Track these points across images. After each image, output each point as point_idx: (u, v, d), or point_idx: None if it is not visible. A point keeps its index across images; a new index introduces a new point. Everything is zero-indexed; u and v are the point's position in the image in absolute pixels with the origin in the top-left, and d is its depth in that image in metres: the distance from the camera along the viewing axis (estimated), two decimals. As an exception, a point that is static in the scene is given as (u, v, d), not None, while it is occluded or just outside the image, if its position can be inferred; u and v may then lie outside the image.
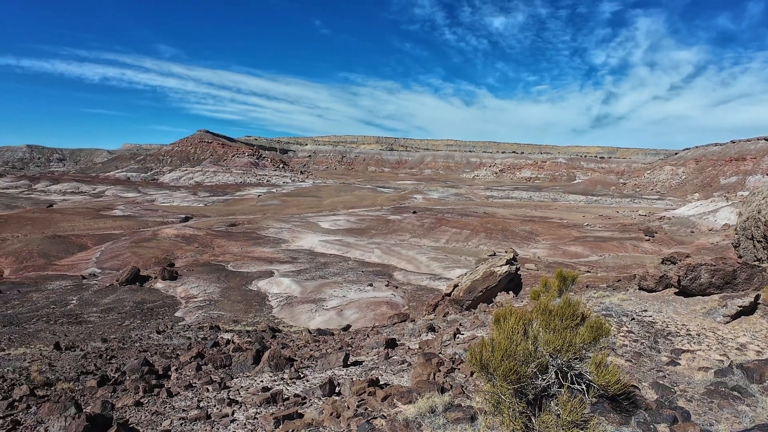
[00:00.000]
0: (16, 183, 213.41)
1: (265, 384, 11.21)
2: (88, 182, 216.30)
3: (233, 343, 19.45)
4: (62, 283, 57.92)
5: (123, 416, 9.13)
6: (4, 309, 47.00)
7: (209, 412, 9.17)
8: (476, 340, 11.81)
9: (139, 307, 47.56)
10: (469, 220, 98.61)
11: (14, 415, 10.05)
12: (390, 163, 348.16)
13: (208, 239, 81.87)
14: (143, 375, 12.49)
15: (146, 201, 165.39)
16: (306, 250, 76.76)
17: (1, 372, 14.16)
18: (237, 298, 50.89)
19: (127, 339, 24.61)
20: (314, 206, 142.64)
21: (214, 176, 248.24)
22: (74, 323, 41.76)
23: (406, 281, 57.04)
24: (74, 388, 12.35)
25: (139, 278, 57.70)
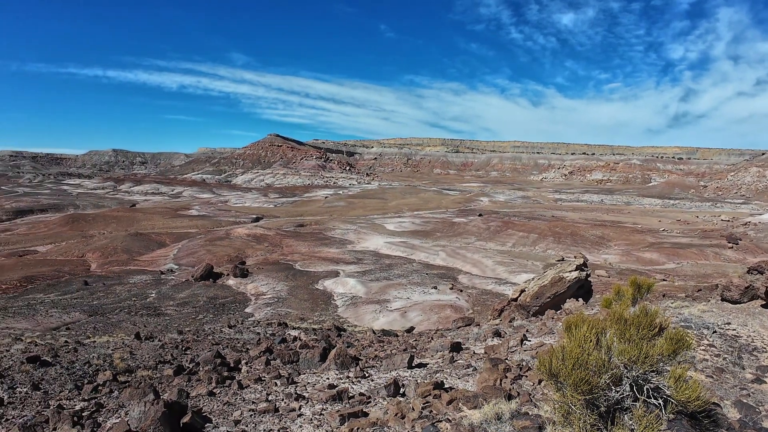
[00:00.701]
0: (102, 184, 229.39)
1: (331, 381, 11.41)
2: (167, 184, 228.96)
3: (300, 340, 19.96)
4: (143, 278, 61.52)
5: (197, 405, 9.59)
6: (91, 300, 50.53)
7: (277, 405, 9.45)
8: (544, 348, 11.50)
9: (212, 302, 49.73)
10: (537, 223, 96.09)
11: (98, 398, 10.81)
12: (455, 165, 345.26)
13: (278, 239, 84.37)
14: (216, 367, 13.06)
15: (220, 202, 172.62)
16: (371, 251, 77.51)
17: (87, 358, 15.22)
18: (304, 297, 52.11)
19: (201, 332, 25.80)
20: (380, 208, 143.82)
21: (284, 178, 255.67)
22: (153, 315, 44.28)
23: (471, 285, 56.36)
24: (153, 375, 13.09)
25: (213, 275, 60.31)
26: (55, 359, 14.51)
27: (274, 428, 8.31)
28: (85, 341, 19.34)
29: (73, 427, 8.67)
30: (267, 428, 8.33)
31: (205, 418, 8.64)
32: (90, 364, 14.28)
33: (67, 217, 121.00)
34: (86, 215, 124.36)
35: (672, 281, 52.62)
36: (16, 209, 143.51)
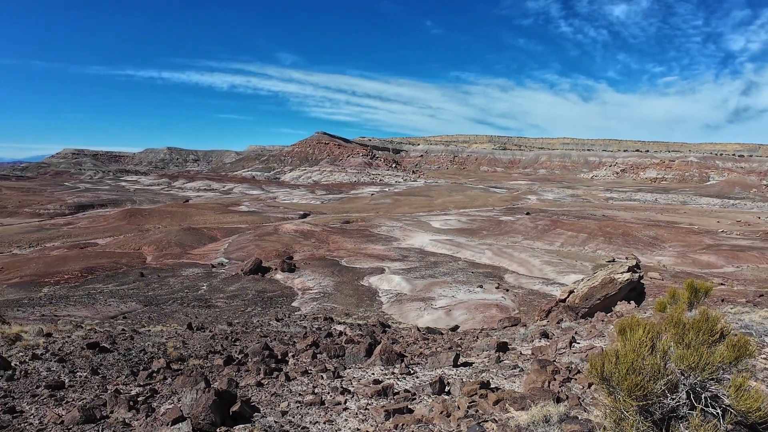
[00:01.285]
0: (158, 181, 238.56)
1: (376, 377, 11.47)
2: (218, 180, 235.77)
3: (345, 335, 20.16)
4: (195, 271, 63.57)
5: (246, 394, 9.83)
6: (146, 291, 52.62)
7: (323, 398, 9.57)
8: (595, 351, 11.20)
9: (260, 296, 50.89)
10: (587, 222, 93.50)
11: (153, 384, 11.26)
12: (503, 162, 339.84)
13: (324, 235, 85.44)
14: (264, 358, 13.36)
15: (269, 198, 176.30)
16: (416, 248, 77.42)
17: (143, 346, 15.86)
18: (349, 293, 52.60)
19: (249, 324, 26.43)
20: (425, 205, 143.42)
21: (331, 175, 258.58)
22: (204, 307, 45.71)
23: (517, 284, 55.46)
24: (204, 365, 13.51)
25: (261, 269, 61.71)
26: (113, 346, 15.20)
27: (320, 421, 8.43)
28: (140, 330, 20.18)
29: (129, 411, 9.04)
30: (313, 420, 8.45)
31: (253, 407, 8.84)
32: (145, 352, 14.88)
33: (124, 212, 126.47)
34: (142, 210, 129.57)
35: (731, 285, 50.17)
36: (78, 204, 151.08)
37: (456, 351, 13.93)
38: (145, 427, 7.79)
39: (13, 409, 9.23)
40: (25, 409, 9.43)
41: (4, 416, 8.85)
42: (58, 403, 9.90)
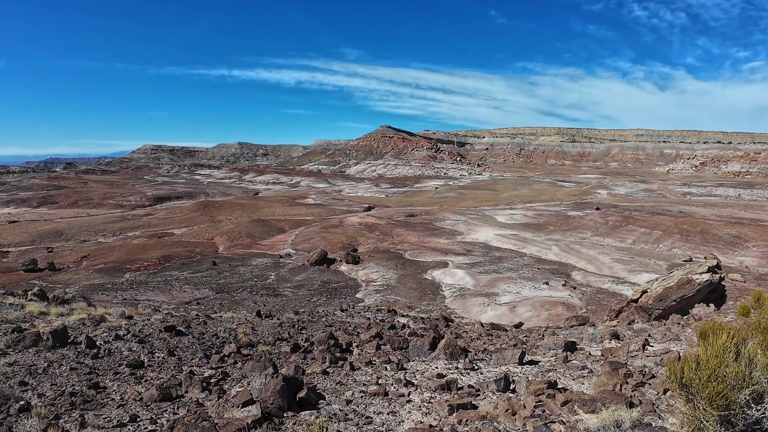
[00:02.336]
0: (229, 174, 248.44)
1: (439, 371, 11.45)
2: (286, 174, 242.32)
3: (409, 328, 20.21)
4: (263, 261, 65.74)
5: (312, 382, 10.08)
6: (218, 279, 54.96)
7: (387, 389, 9.66)
8: (671, 355, 10.64)
9: (325, 286, 51.97)
10: (661, 219, 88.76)
11: (224, 367, 11.79)
12: (571, 155, 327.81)
13: (388, 228, 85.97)
14: (329, 347, 13.64)
15: (334, 191, 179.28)
16: (481, 243, 76.42)
17: (215, 331, 16.61)
18: (412, 286, 52.70)
19: (315, 314, 27.05)
20: (490, 199, 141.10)
21: (395, 169, 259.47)
22: (272, 295, 47.23)
23: (585, 282, 53.59)
24: (272, 351, 13.97)
25: (327, 260, 62.95)
26: (188, 330, 16.00)
27: (383, 411, 8.52)
28: (212, 315, 21.13)
29: (202, 391, 9.51)
30: (377, 410, 8.55)
31: (319, 395, 9.06)
32: (217, 337, 15.57)
33: (198, 204, 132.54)
34: (215, 202, 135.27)
35: (827, 289, 46.20)
36: (156, 196, 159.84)
37: (521, 348, 13.65)
38: (217, 408, 8.16)
39: (98, 385, 9.93)
40: (108, 385, 10.13)
41: (89, 391, 9.54)
42: (138, 381, 10.56)
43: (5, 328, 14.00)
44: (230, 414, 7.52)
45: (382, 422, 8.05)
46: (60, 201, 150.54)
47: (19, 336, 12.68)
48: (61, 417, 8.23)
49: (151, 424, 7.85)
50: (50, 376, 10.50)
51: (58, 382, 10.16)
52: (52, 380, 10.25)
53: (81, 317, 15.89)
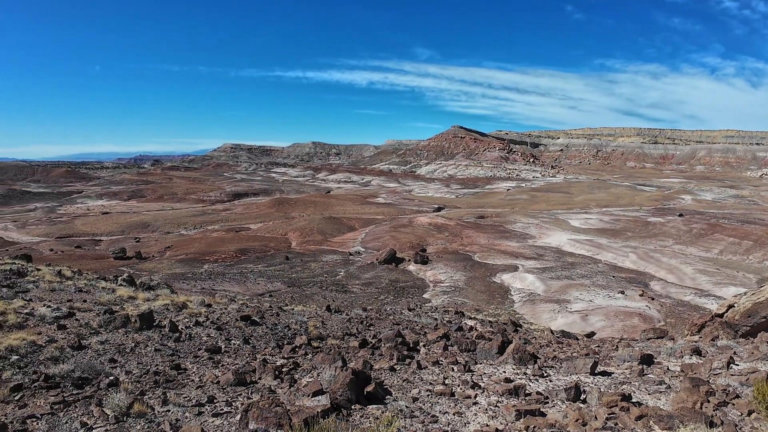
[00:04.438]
0: (303, 173, 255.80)
1: (507, 375, 11.28)
2: (357, 173, 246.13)
3: (476, 331, 20.01)
4: (333, 257, 67.11)
5: (379, 377, 10.23)
6: (290, 273, 56.67)
7: (453, 390, 9.64)
8: (758, 375, 9.93)
9: (393, 285, 52.33)
10: (753, 228, 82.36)
11: (295, 358, 12.21)
12: (653, 157, 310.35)
13: (458, 229, 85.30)
14: (396, 345, 13.76)
15: (404, 191, 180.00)
16: (553, 247, 74.19)
17: (287, 322, 17.19)
18: (480, 288, 52.03)
19: (383, 311, 27.34)
20: (564, 203, 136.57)
21: (466, 170, 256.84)
22: (341, 291, 48.15)
23: (665, 293, 50.74)
24: (340, 345, 14.29)
25: (395, 259, 63.33)
26: (262, 320, 16.67)
27: (449, 411, 8.52)
28: (285, 308, 21.86)
29: (274, 379, 9.91)
30: (442, 410, 8.56)
31: (385, 390, 9.19)
32: (289, 328, 16.13)
33: (274, 201, 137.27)
34: (289, 199, 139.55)
35: None
36: (235, 192, 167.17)
37: (594, 358, 13.18)
38: (289, 396, 8.47)
39: (179, 366, 10.61)
40: (188, 367, 10.79)
41: (171, 371, 10.22)
42: (215, 365, 11.16)
43: (98, 309, 15.19)
44: (301, 402, 7.79)
45: (447, 422, 8.05)
46: (147, 195, 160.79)
47: (110, 317, 13.72)
48: (146, 393, 8.85)
49: (227, 406, 8.28)
50: (137, 355, 11.32)
51: (143, 361, 10.94)
52: (139, 359, 11.04)
53: (165, 303, 16.95)
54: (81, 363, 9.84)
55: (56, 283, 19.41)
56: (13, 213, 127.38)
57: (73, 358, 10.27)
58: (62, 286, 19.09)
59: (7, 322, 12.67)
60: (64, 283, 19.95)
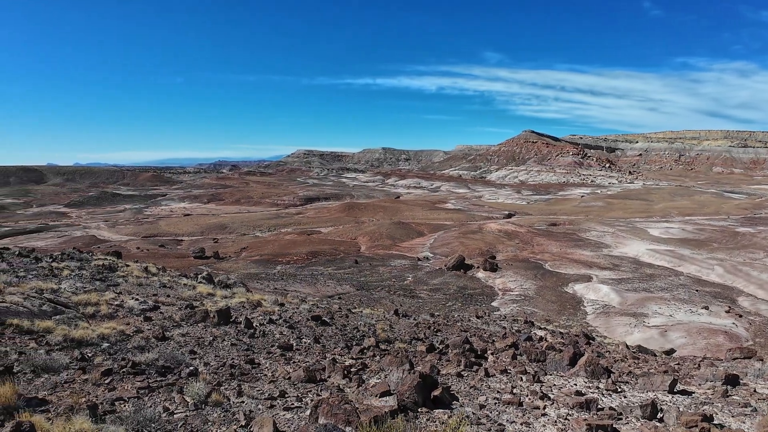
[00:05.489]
0: (373, 178, 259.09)
1: (578, 388, 10.96)
2: (426, 179, 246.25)
3: (546, 341, 19.50)
4: (402, 262, 67.41)
5: (446, 382, 10.24)
6: (359, 276, 57.48)
7: (522, 400, 9.49)
8: None
9: (461, 292, 51.87)
10: None
11: (363, 359, 12.45)
12: (742, 162, 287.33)
13: (528, 237, 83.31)
14: (464, 351, 13.69)
15: (474, 197, 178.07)
16: (630, 258, 70.78)
17: (356, 324, 17.54)
18: (551, 298, 50.53)
19: (450, 318, 27.22)
20: (642, 210, 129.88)
21: (538, 175, 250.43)
22: (408, 296, 48.30)
23: (754, 310, 47.11)
24: (408, 349, 14.42)
25: (464, 266, 62.71)
26: (332, 321, 17.10)
27: (516, 421, 8.40)
28: (353, 310, 22.28)
29: (343, 378, 10.16)
30: (510, 419, 8.46)
31: (452, 395, 9.20)
32: (358, 330, 16.45)
33: (344, 205, 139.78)
34: (359, 204, 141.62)
35: None
36: (307, 197, 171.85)
37: (673, 376, 12.52)
38: (357, 395, 8.67)
39: (253, 361, 11.13)
40: (261, 362, 11.28)
41: (245, 365, 10.75)
42: (287, 361, 11.59)
43: (180, 304, 16.17)
44: (368, 402, 7.96)
45: (514, 431, 7.96)
46: (225, 198, 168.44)
47: (191, 312, 14.57)
48: (222, 384, 9.35)
49: (297, 401, 8.60)
50: (214, 348, 11.96)
51: (220, 354, 11.55)
52: (216, 352, 11.68)
53: (241, 301, 17.76)
54: (164, 353, 10.52)
55: (143, 278, 20.80)
56: (104, 213, 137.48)
57: (157, 348, 11.00)
58: (148, 282, 20.44)
59: (100, 312, 13.77)
60: (149, 278, 21.34)
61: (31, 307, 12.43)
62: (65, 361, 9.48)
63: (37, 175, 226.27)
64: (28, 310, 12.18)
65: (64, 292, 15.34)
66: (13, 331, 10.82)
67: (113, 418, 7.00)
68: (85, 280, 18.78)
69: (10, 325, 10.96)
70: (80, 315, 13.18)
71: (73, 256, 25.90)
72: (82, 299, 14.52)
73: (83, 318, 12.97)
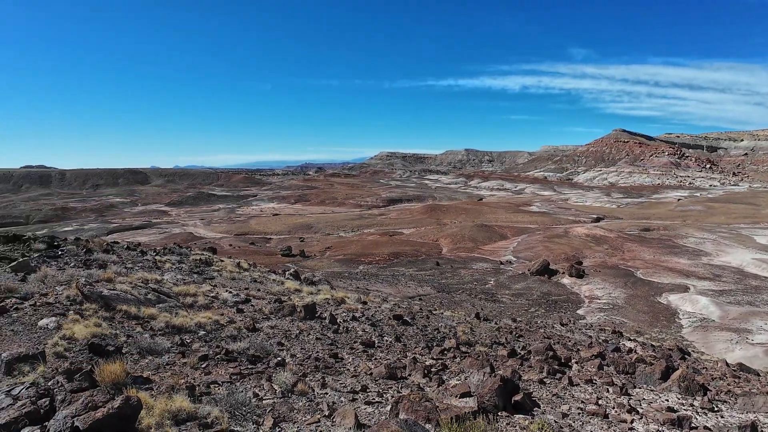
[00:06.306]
0: (455, 180, 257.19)
1: (670, 404, 10.40)
2: (510, 180, 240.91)
3: (635, 353, 18.58)
4: (483, 265, 66.49)
5: (527, 388, 10.08)
6: (440, 278, 57.37)
7: (607, 411, 9.17)
8: None
9: (544, 298, 50.35)
10: None
11: (444, 360, 12.54)
12: None
13: (618, 242, 79.30)
14: (547, 358, 13.37)
15: (560, 199, 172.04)
16: (733, 267, 65.38)
17: (437, 325, 17.62)
18: (642, 309, 47.83)
19: (533, 323, 26.57)
20: (748, 216, 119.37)
21: (629, 177, 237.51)
22: (489, 300, 47.59)
23: None
24: (488, 352, 14.29)
25: (548, 271, 60.78)
26: (413, 321, 17.29)
27: (601, 432, 8.15)
28: (434, 311, 22.34)
29: (423, 377, 10.30)
30: (594, 431, 8.21)
31: (534, 402, 9.06)
32: (438, 331, 16.52)
33: (426, 207, 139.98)
34: (441, 206, 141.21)
35: None
36: (389, 198, 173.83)
37: (780, 396, 11.54)
38: (437, 394, 8.77)
39: (336, 356, 11.54)
40: (344, 357, 11.67)
41: (329, 359, 11.19)
42: (369, 358, 11.91)
43: (269, 298, 17.02)
44: (448, 401, 8.03)
45: (599, 443, 7.74)
46: (311, 199, 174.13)
47: (279, 306, 15.32)
48: (307, 375, 9.80)
49: (378, 396, 8.84)
50: (300, 341, 12.53)
51: (306, 347, 12.08)
52: (302, 345, 12.22)
53: (326, 297, 18.40)
54: (254, 343, 11.18)
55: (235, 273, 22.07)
56: (201, 212, 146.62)
57: (248, 338, 11.69)
58: (240, 276, 21.66)
59: (197, 302, 14.81)
60: (241, 273, 22.61)
61: (137, 295, 13.60)
62: (167, 345, 10.35)
63: (141, 176, 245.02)
64: (135, 298, 13.34)
65: (166, 283, 16.63)
66: (122, 316, 11.94)
67: (209, 399, 7.56)
68: (184, 272, 20.23)
69: (120, 311, 12.10)
70: (180, 304, 14.26)
71: (173, 250, 27.97)
72: (181, 290, 15.68)
73: (182, 307, 14.02)
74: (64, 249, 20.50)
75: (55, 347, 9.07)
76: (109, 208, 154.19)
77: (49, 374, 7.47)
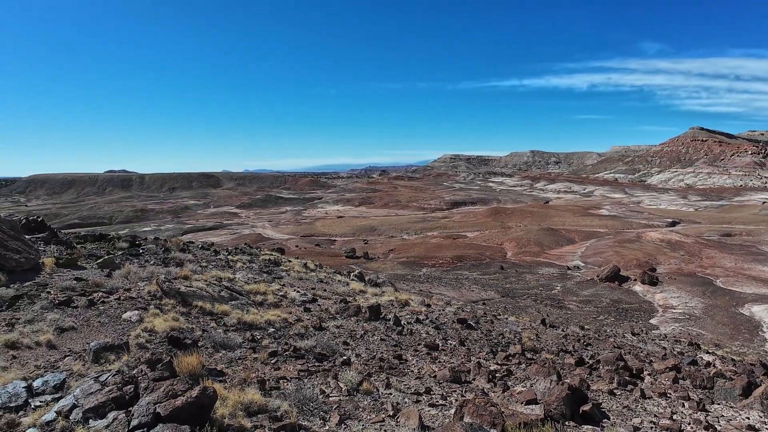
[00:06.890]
0: (521, 182, 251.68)
1: (751, 422, 9.80)
2: (578, 183, 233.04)
3: (714, 367, 17.54)
4: (550, 270, 64.75)
5: (596, 398, 9.78)
6: (504, 283, 56.40)
7: (682, 427, 8.77)
8: None
9: (614, 305, 48.42)
10: None
11: (509, 365, 12.35)
12: None
13: (696, 248, 74.97)
14: (617, 369, 12.89)
15: (632, 202, 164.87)
16: (829, 279, 60.27)
17: (501, 331, 17.37)
18: (722, 320, 44.95)
19: (602, 332, 25.63)
20: None
21: (708, 178, 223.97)
22: (556, 306, 46.31)
23: None
24: (555, 360, 13.94)
25: (619, 277, 58.36)
26: (477, 325, 17.14)
27: (676, 447, 7.81)
28: (498, 316, 22.03)
29: (488, 382, 10.22)
30: (668, 445, 7.89)
31: (603, 413, 8.79)
32: (503, 336, 16.29)
33: (491, 210, 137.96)
34: (506, 209, 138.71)
35: None
36: (453, 201, 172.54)
37: None
38: (502, 399, 8.70)
39: (401, 357, 11.66)
40: (408, 359, 11.77)
41: (393, 360, 11.31)
42: (433, 360, 11.94)
43: (335, 298, 17.40)
44: (513, 407, 7.96)
45: (673, 457, 7.42)
46: (375, 202, 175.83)
47: (345, 306, 15.63)
48: (372, 375, 9.96)
49: (442, 400, 8.88)
50: (365, 341, 12.74)
51: (370, 347, 12.28)
52: (367, 345, 12.43)
53: (390, 299, 18.59)
54: (321, 341, 11.48)
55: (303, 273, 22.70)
56: (269, 214, 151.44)
57: (314, 337, 12.02)
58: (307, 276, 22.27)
59: (267, 301, 15.38)
60: (308, 273, 23.23)
61: (212, 292, 14.31)
62: (239, 341, 10.85)
63: (213, 180, 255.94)
64: (210, 294, 14.04)
65: (238, 282, 17.36)
66: (197, 311, 12.61)
67: (278, 393, 7.89)
68: (254, 272, 21.04)
69: (195, 306, 12.78)
70: (251, 302, 14.86)
71: (244, 250, 29.13)
72: (252, 288, 16.34)
73: (253, 305, 14.61)
74: (145, 248, 21.83)
75: (138, 338, 9.75)
76: (184, 210, 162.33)
77: (132, 363, 8.03)
